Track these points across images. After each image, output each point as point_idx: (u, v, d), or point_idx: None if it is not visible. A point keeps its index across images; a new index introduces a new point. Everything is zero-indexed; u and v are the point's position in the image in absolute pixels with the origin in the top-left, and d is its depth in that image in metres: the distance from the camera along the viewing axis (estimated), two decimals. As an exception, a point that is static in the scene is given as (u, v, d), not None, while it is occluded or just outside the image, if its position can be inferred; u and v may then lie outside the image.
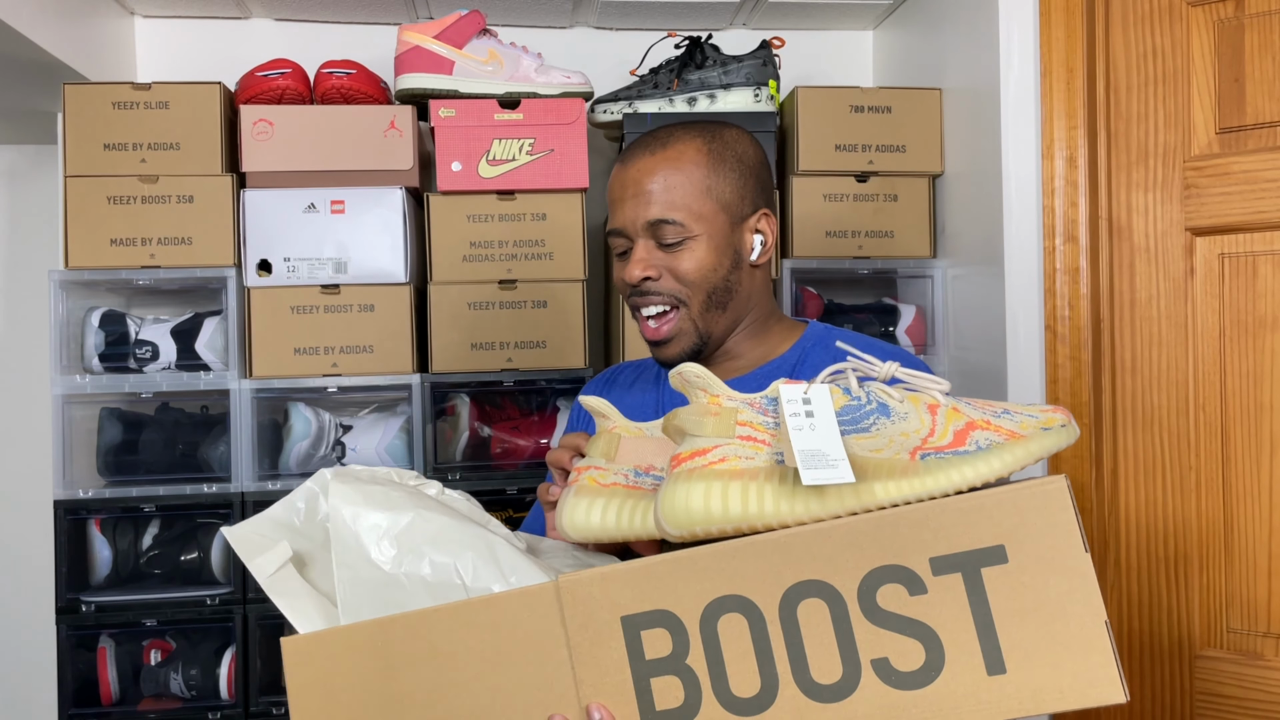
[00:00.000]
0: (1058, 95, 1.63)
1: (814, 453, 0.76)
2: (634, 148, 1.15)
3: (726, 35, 2.16)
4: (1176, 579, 1.55)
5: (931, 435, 0.79)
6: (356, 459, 1.80)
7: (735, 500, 0.78)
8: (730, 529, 0.77)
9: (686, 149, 1.12)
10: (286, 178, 1.78)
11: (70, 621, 1.71)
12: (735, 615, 0.76)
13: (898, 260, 1.93)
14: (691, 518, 0.78)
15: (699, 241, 1.10)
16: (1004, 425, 0.79)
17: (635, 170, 1.12)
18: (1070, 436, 0.80)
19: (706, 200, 1.11)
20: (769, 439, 0.80)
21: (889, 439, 0.79)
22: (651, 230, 1.11)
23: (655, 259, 1.11)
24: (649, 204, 1.10)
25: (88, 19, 1.86)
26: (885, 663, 0.73)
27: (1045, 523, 0.73)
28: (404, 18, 2.07)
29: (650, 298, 1.12)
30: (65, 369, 1.74)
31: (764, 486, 0.78)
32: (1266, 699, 1.47)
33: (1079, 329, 1.61)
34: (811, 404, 0.79)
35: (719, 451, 0.80)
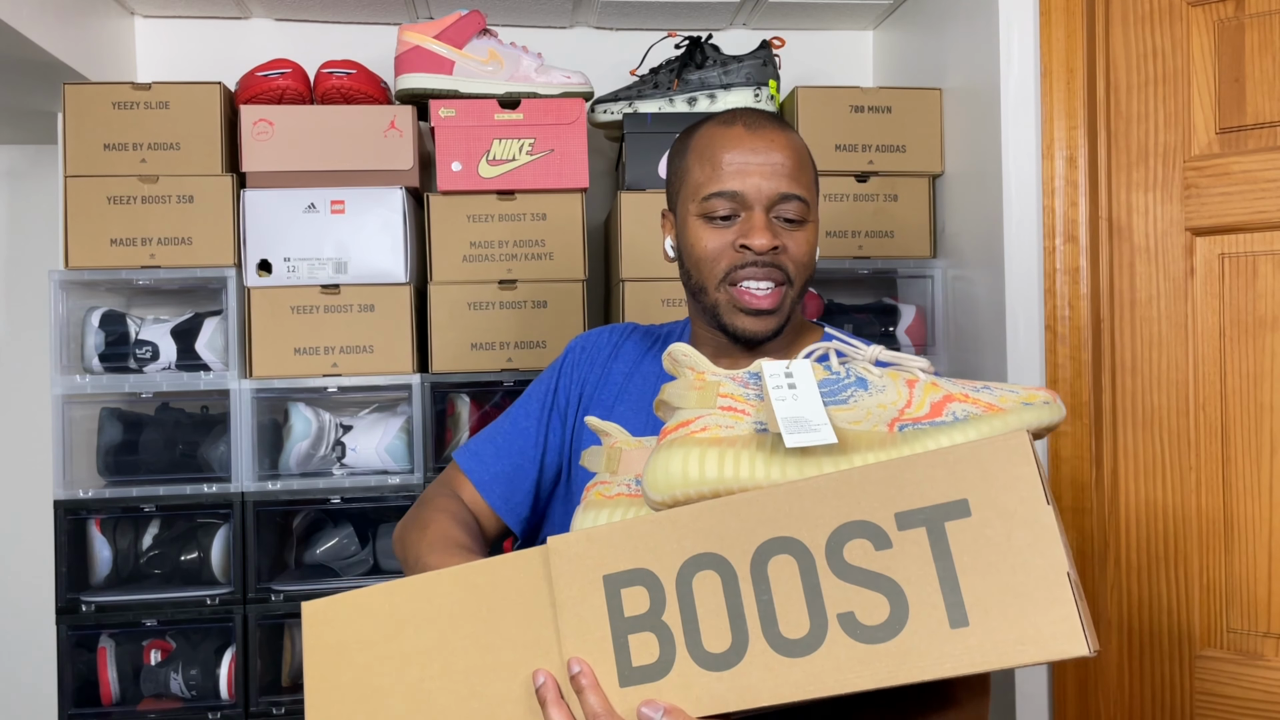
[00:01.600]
0: (1058, 95, 1.63)
1: (796, 419, 0.78)
2: (757, 116, 1.11)
3: (726, 35, 2.17)
4: (1176, 579, 1.55)
5: (909, 406, 0.80)
6: (356, 459, 1.80)
7: (713, 464, 0.80)
8: (708, 492, 0.80)
9: (797, 137, 1.11)
10: (286, 178, 1.78)
11: (70, 621, 1.71)
12: (709, 573, 0.78)
13: (898, 260, 1.93)
14: (671, 481, 0.81)
15: (812, 226, 1.10)
16: (983, 399, 0.80)
17: (768, 138, 1.09)
18: (1053, 414, 0.79)
19: (815, 190, 1.12)
20: (750, 410, 0.83)
21: (867, 411, 0.81)
22: (779, 203, 1.07)
23: (775, 231, 1.08)
24: (785, 176, 1.07)
25: (88, 19, 1.86)
26: (851, 617, 0.74)
27: (1008, 476, 0.73)
28: (404, 18, 2.07)
29: (771, 269, 1.08)
30: (65, 369, 1.74)
31: (742, 452, 0.80)
32: (1266, 699, 1.47)
33: (1079, 329, 1.61)
34: (794, 376, 0.82)
35: (701, 421, 0.83)
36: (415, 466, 1.78)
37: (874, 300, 2.01)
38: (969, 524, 0.73)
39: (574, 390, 1.22)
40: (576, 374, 1.22)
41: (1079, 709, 1.61)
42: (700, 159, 1.11)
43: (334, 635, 0.87)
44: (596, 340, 1.25)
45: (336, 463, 1.81)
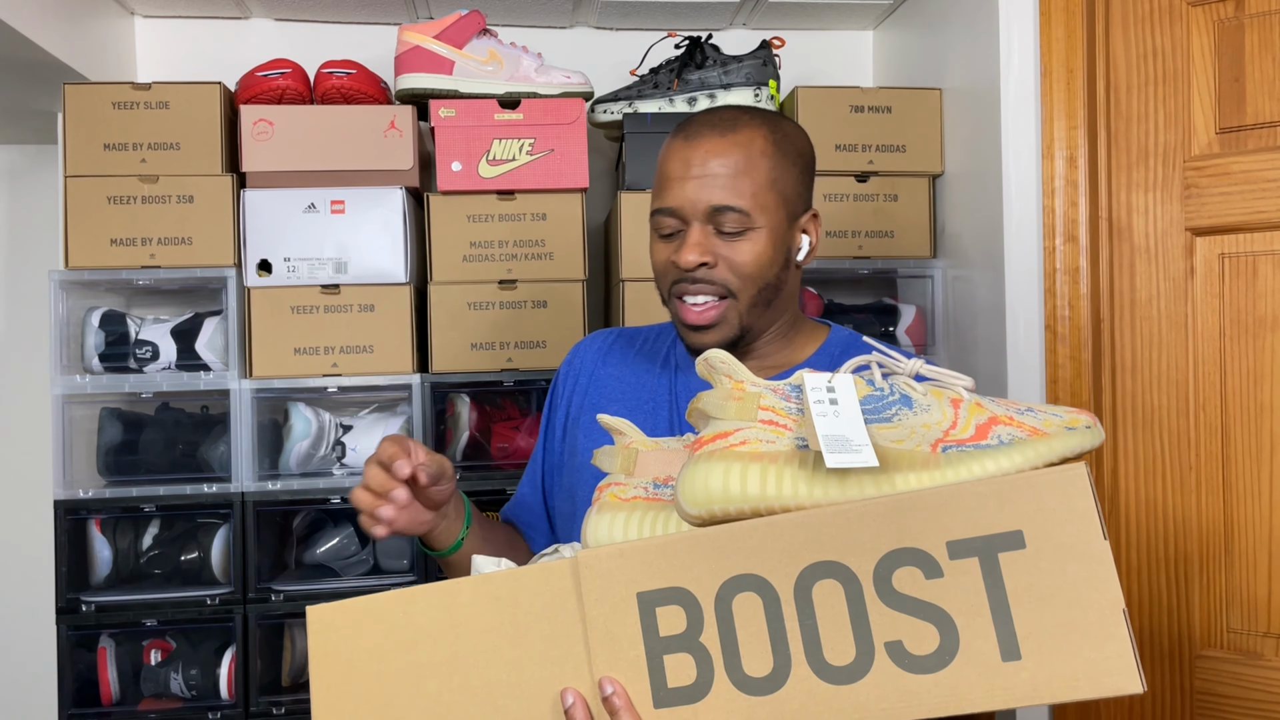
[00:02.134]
0: (1058, 95, 1.63)
1: (838, 438, 0.76)
2: (698, 125, 1.08)
3: (726, 35, 2.17)
4: (1176, 579, 1.55)
5: (954, 428, 0.79)
6: (357, 459, 1.80)
7: (754, 481, 0.78)
8: (748, 510, 0.78)
9: (755, 136, 1.07)
10: (286, 178, 1.78)
11: (70, 621, 1.71)
12: (750, 594, 0.76)
13: (898, 260, 1.93)
14: (710, 496, 0.79)
15: (760, 234, 1.06)
16: (1027, 422, 0.79)
17: (701, 150, 1.06)
18: (1095, 438, 0.79)
19: (771, 192, 1.07)
20: (791, 424, 0.80)
21: (910, 430, 0.79)
22: (712, 215, 1.05)
23: (712, 245, 1.06)
24: (714, 187, 1.05)
25: (88, 19, 1.86)
26: (899, 646, 0.73)
27: (1064, 509, 0.72)
28: (404, 18, 2.07)
29: (700, 285, 1.07)
30: (65, 369, 1.74)
31: (784, 469, 0.78)
32: (1266, 699, 1.47)
33: (1079, 329, 1.61)
34: (836, 391, 0.80)
35: (741, 434, 0.81)
36: (415, 466, 1.77)
37: (874, 300, 2.01)
38: (1023, 555, 0.72)
39: (561, 410, 1.23)
40: (568, 386, 1.23)
41: (1079, 709, 1.61)
42: (657, 171, 1.11)
43: (344, 643, 0.84)
44: (584, 350, 1.25)
45: (336, 463, 1.81)
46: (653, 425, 1.15)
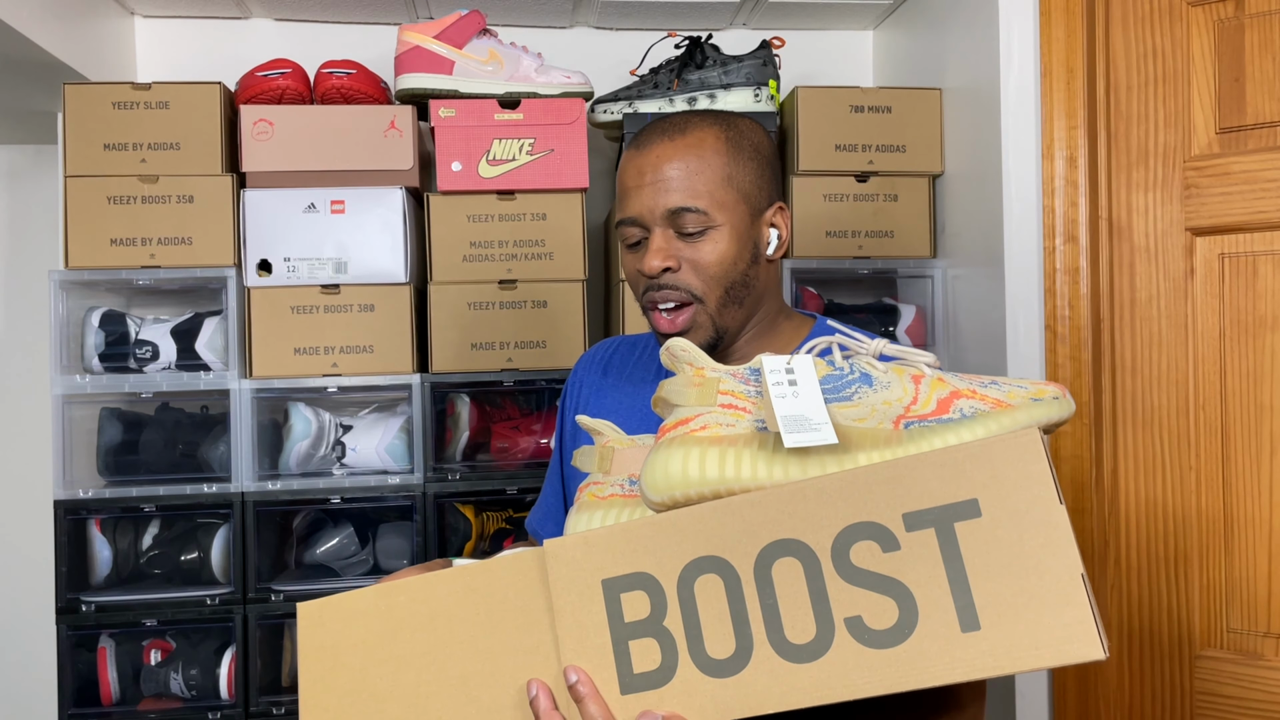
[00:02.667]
0: (1058, 95, 1.63)
1: (796, 418, 0.76)
2: (648, 134, 1.09)
3: (726, 35, 2.17)
4: (1176, 578, 1.55)
5: (915, 403, 0.78)
6: (357, 459, 1.80)
7: (713, 464, 0.78)
8: (709, 493, 0.78)
9: (705, 136, 1.07)
10: (286, 178, 1.78)
11: (70, 621, 1.71)
12: (712, 576, 0.76)
13: (898, 260, 1.93)
14: (671, 482, 0.79)
15: (721, 232, 1.06)
16: (990, 394, 0.78)
17: (653, 156, 1.07)
18: (1063, 409, 0.78)
19: (728, 189, 1.06)
20: (750, 407, 0.81)
21: (872, 408, 0.79)
22: (671, 219, 1.05)
23: (674, 249, 1.06)
24: (669, 190, 1.05)
25: (88, 19, 1.86)
26: (859, 621, 0.72)
27: (1019, 475, 0.71)
28: (404, 18, 2.07)
29: (667, 292, 1.07)
30: (65, 369, 1.74)
31: (743, 451, 0.78)
32: (1266, 699, 1.47)
33: (1079, 329, 1.61)
34: (795, 373, 0.80)
35: (701, 419, 0.81)
36: (415, 466, 1.78)
37: (874, 300, 2.01)
38: (979, 525, 0.71)
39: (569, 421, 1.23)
40: (573, 403, 1.24)
41: (1079, 709, 1.61)
42: (616, 186, 1.11)
43: (329, 637, 0.85)
44: (584, 365, 1.26)
45: (336, 463, 1.81)
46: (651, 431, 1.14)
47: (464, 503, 1.82)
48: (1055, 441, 1.63)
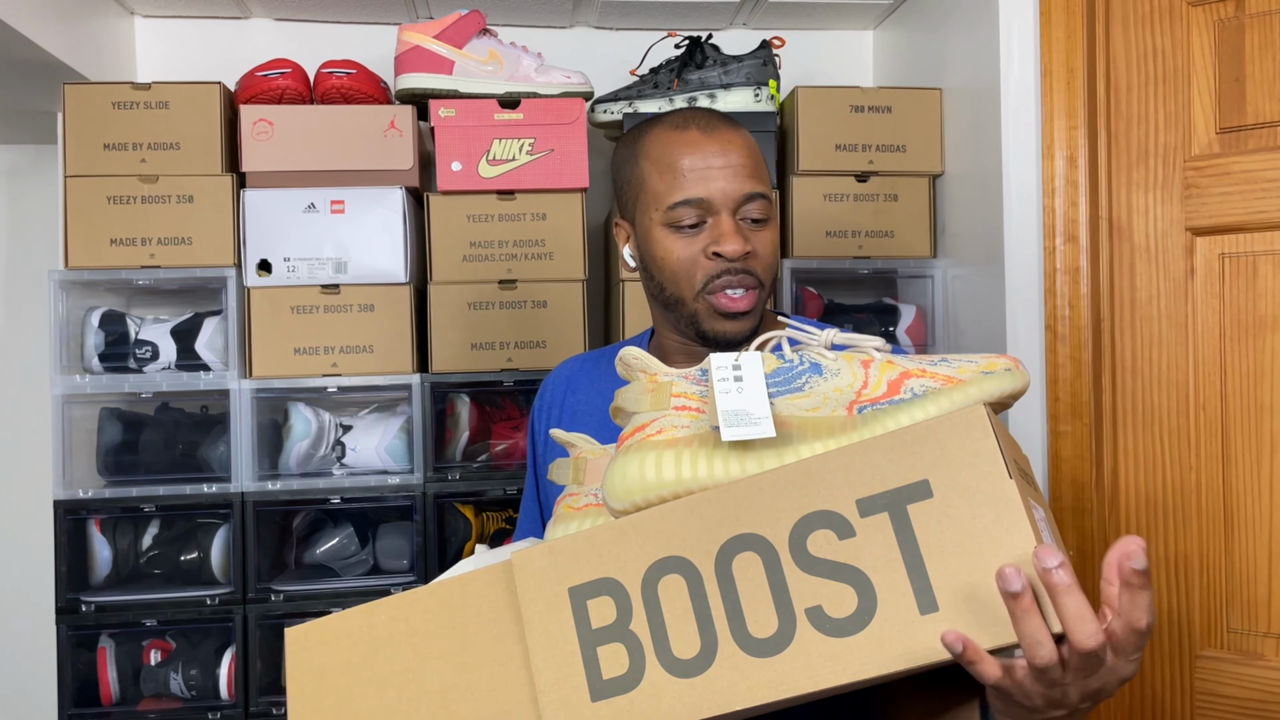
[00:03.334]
0: (1058, 95, 1.63)
1: (737, 412, 0.76)
2: (706, 118, 1.08)
3: (726, 35, 2.16)
4: (1176, 579, 1.55)
5: (865, 388, 0.78)
6: (357, 459, 1.80)
7: (669, 466, 0.78)
8: (669, 495, 0.78)
9: (750, 135, 1.09)
10: (286, 178, 1.78)
11: (70, 621, 1.71)
12: (674, 577, 0.76)
13: (898, 260, 1.93)
14: (629, 487, 0.79)
15: (773, 224, 1.08)
16: (940, 372, 0.78)
17: (723, 139, 1.05)
18: (1015, 381, 0.77)
19: (770, 188, 1.09)
20: (702, 407, 0.81)
21: (824, 396, 0.79)
22: (745, 203, 1.04)
23: (746, 234, 1.05)
24: (746, 175, 1.04)
25: (88, 19, 1.86)
26: (819, 611, 0.72)
27: (967, 452, 0.70)
28: (404, 18, 2.07)
29: (745, 276, 1.05)
30: (65, 369, 1.74)
31: (697, 451, 0.78)
32: (1266, 699, 1.47)
33: (1079, 329, 1.61)
34: (741, 369, 0.80)
35: (657, 424, 0.82)
36: (415, 466, 1.78)
37: (874, 300, 2.01)
38: (931, 505, 0.71)
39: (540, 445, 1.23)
40: (542, 426, 1.23)
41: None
42: (657, 166, 1.07)
43: (315, 660, 0.85)
44: (548, 389, 1.25)
45: (336, 463, 1.81)
46: None
47: (464, 503, 1.82)
48: (1055, 442, 1.63)
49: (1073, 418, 1.61)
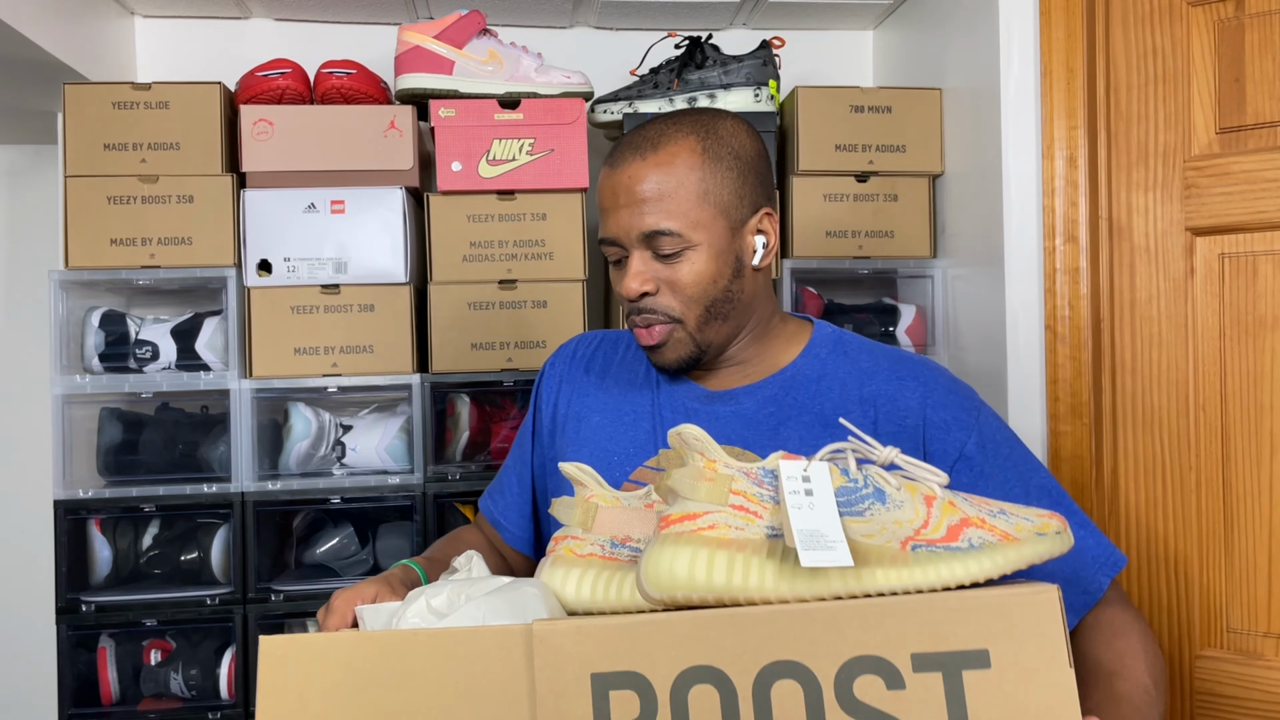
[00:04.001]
0: (1058, 95, 1.63)
1: (813, 533, 0.75)
2: (622, 149, 1.06)
3: (726, 35, 2.17)
4: (1176, 579, 1.55)
5: (925, 527, 0.78)
6: (357, 459, 1.80)
7: (721, 569, 0.77)
8: (712, 598, 0.77)
9: (679, 150, 1.03)
10: (286, 178, 1.78)
11: (70, 621, 1.71)
12: (708, 688, 0.74)
13: (898, 260, 1.93)
14: (675, 581, 0.77)
15: (698, 251, 1.03)
16: (999, 526, 0.78)
17: (626, 175, 1.04)
18: (1064, 544, 0.79)
19: (704, 206, 1.03)
20: (762, 511, 0.79)
21: (882, 525, 0.79)
22: (647, 241, 1.03)
23: (652, 270, 1.04)
24: (643, 213, 1.02)
25: (88, 19, 1.86)
26: None
27: (1032, 631, 0.71)
28: (404, 18, 2.07)
29: (647, 315, 1.06)
30: (65, 369, 1.74)
31: (752, 559, 0.77)
32: (1266, 699, 1.47)
33: (1079, 329, 1.61)
34: (811, 482, 0.79)
35: (710, 518, 0.79)
36: (415, 466, 1.78)
37: (874, 300, 2.01)
38: (987, 675, 0.71)
39: (546, 412, 1.22)
40: (549, 394, 1.22)
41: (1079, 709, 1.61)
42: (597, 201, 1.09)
43: (293, 679, 0.80)
44: (563, 357, 1.24)
45: (336, 463, 1.81)
46: (633, 438, 1.13)
47: (464, 503, 1.82)
48: (1055, 442, 1.63)
49: (1073, 418, 1.61)
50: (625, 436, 1.13)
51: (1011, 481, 1.06)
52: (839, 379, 1.09)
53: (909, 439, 1.06)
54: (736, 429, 1.08)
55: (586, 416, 1.17)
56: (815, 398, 1.09)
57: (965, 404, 1.08)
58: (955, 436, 1.06)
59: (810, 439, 1.06)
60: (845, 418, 1.06)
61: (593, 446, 1.15)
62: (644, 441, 1.12)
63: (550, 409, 1.21)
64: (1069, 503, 1.09)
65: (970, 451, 1.05)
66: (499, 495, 1.27)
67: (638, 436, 1.13)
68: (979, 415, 1.08)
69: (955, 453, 1.05)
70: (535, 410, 1.24)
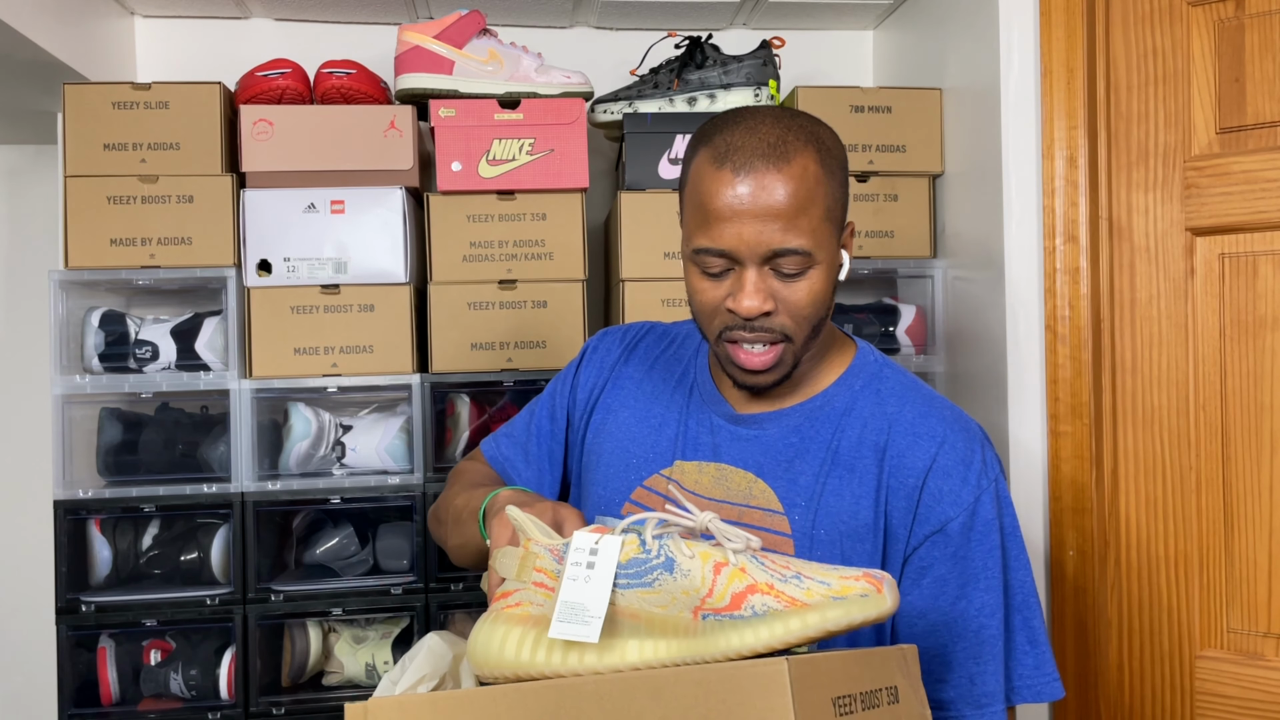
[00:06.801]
0: (1058, 95, 1.63)
1: (575, 606, 0.79)
2: (745, 153, 0.96)
3: (726, 35, 2.16)
4: (1176, 579, 1.55)
5: (710, 595, 0.79)
6: (357, 459, 1.80)
7: (511, 645, 0.81)
8: (509, 674, 0.80)
9: (808, 163, 0.96)
10: (286, 178, 1.78)
11: (70, 621, 1.71)
12: None
13: (898, 260, 1.93)
14: (487, 660, 0.82)
15: (818, 270, 0.98)
16: (787, 591, 0.77)
17: (756, 184, 0.95)
18: (866, 610, 0.76)
19: (826, 223, 0.98)
20: (556, 587, 0.83)
21: (672, 596, 0.79)
22: (773, 258, 0.96)
23: (771, 288, 0.97)
24: (778, 230, 0.95)
25: (88, 19, 1.86)
26: None
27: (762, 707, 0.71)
28: (404, 18, 2.07)
29: (760, 334, 0.99)
30: (65, 369, 1.74)
31: (540, 635, 0.81)
32: (1266, 699, 1.47)
33: (1079, 329, 1.61)
34: (597, 555, 0.81)
35: (517, 596, 0.84)
36: (415, 466, 1.78)
37: (874, 300, 2.01)
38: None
39: (582, 393, 1.21)
40: (590, 374, 1.21)
41: (1079, 709, 1.61)
42: (692, 198, 1.00)
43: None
44: (611, 341, 1.22)
45: (336, 463, 1.81)
46: (654, 443, 1.12)
47: (464, 503, 1.82)
48: (1055, 442, 1.62)
49: (1073, 418, 1.61)
50: (648, 439, 1.12)
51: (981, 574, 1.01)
52: (862, 418, 1.05)
53: (905, 498, 1.02)
54: (754, 454, 1.06)
55: (617, 410, 1.16)
56: (835, 434, 1.05)
57: (970, 480, 1.02)
58: (943, 510, 1.01)
59: (821, 477, 1.03)
60: (856, 462, 1.03)
61: (614, 444, 1.14)
62: (665, 448, 1.11)
63: (589, 387, 1.20)
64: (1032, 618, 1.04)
65: (952, 529, 1.01)
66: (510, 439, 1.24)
67: (660, 442, 1.12)
68: (979, 498, 1.01)
69: (937, 524, 1.01)
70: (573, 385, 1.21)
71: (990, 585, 1.01)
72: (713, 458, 1.08)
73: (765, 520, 1.04)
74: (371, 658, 1.80)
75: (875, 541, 1.02)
